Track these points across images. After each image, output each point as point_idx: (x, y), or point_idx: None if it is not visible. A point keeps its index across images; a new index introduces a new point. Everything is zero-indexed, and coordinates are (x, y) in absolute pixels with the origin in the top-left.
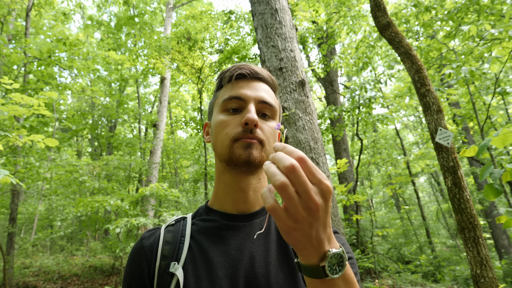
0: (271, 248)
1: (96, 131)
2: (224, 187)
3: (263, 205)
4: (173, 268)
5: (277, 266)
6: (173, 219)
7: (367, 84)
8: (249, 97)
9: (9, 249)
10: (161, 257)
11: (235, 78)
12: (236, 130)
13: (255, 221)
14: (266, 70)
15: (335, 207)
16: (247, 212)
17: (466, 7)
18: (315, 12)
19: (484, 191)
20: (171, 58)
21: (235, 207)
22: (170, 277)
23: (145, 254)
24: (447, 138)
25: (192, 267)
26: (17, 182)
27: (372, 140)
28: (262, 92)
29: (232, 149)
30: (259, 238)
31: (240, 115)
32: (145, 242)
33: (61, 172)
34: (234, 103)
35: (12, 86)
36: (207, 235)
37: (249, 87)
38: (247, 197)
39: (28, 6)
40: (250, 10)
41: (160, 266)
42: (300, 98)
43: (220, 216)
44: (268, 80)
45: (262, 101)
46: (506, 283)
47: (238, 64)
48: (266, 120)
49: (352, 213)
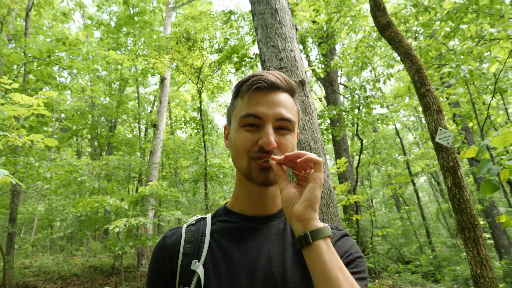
0: (287, 249)
1: (96, 131)
2: (244, 193)
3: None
4: (194, 266)
5: (293, 266)
6: (193, 219)
7: (366, 84)
8: (266, 116)
9: (9, 249)
10: (183, 255)
11: (252, 91)
12: (254, 149)
13: (272, 223)
14: (282, 75)
15: (335, 207)
16: (265, 214)
17: (465, 7)
18: (316, 12)
19: (481, 186)
20: (171, 58)
21: (254, 210)
22: (192, 274)
23: (167, 252)
24: (447, 138)
25: (212, 265)
26: (17, 182)
27: (372, 140)
28: (281, 107)
29: (250, 167)
30: (276, 239)
31: (258, 132)
32: (167, 241)
33: (61, 172)
34: (251, 120)
35: (11, 86)
36: (227, 235)
37: (266, 101)
38: (265, 203)
39: (28, 6)
40: (250, 10)
41: (182, 264)
42: (300, 98)
43: (239, 217)
44: (286, 88)
45: (281, 118)
46: (506, 283)
47: (255, 75)
48: (284, 134)
49: (352, 213)
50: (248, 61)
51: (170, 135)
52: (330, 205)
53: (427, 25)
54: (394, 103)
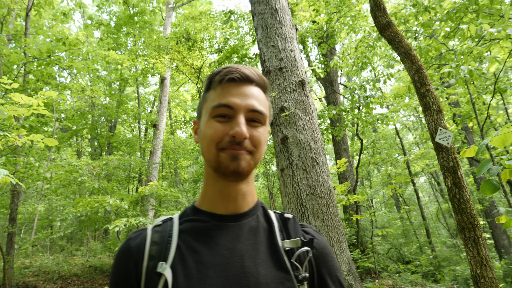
0: (260, 248)
1: (96, 131)
2: (213, 190)
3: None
4: (161, 268)
5: (265, 266)
6: (160, 219)
7: (366, 84)
8: (238, 106)
9: (9, 249)
10: (148, 257)
11: (225, 82)
12: (224, 140)
13: (243, 221)
14: (255, 70)
15: (335, 207)
16: (236, 212)
17: (465, 7)
18: (316, 12)
19: (481, 187)
20: (171, 58)
21: (224, 208)
22: (158, 277)
23: (131, 255)
24: (447, 138)
25: (181, 267)
26: (17, 182)
27: (372, 140)
28: (253, 99)
29: (219, 158)
30: (248, 238)
31: (229, 123)
32: (131, 243)
33: (61, 172)
34: (223, 110)
35: (11, 86)
36: (196, 235)
37: (239, 93)
38: (236, 200)
39: (28, 6)
40: (250, 10)
41: (148, 267)
42: (300, 98)
43: (209, 216)
44: (259, 82)
45: (253, 110)
46: (506, 283)
47: (228, 67)
48: (256, 127)
49: (352, 213)
50: (248, 61)
51: (170, 135)
52: (330, 205)
53: (427, 25)
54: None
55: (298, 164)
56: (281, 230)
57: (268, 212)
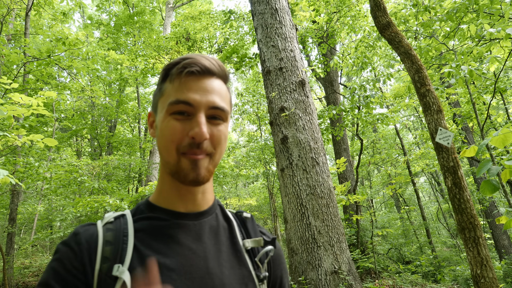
0: (222, 248)
1: (96, 131)
2: (170, 187)
3: (211, 202)
4: (118, 271)
5: (228, 267)
6: (111, 215)
7: (366, 84)
8: (199, 103)
9: (9, 249)
10: (102, 258)
11: (183, 75)
12: (183, 143)
13: (204, 220)
14: (216, 60)
15: (335, 207)
16: (195, 211)
17: (465, 7)
18: (316, 12)
19: (481, 187)
20: (170, 58)
21: (184, 206)
22: (114, 281)
23: (80, 253)
24: (447, 138)
25: (140, 270)
26: (17, 182)
27: (372, 140)
28: (214, 94)
29: (179, 163)
30: (210, 238)
31: (188, 122)
32: (81, 240)
33: (61, 172)
34: (181, 107)
35: (11, 86)
36: (155, 234)
37: (199, 88)
38: (195, 199)
39: (28, 6)
40: (250, 10)
41: (101, 269)
42: (300, 98)
43: (167, 214)
44: (220, 74)
45: (214, 107)
46: (506, 283)
47: (187, 57)
48: (217, 125)
49: (352, 213)
50: (248, 61)
51: None
52: (330, 205)
53: (427, 25)
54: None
55: (298, 164)
56: (240, 230)
57: (226, 211)
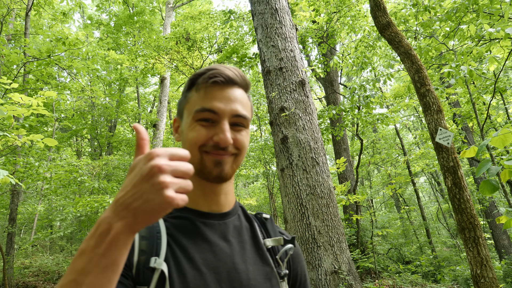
0: (245, 247)
1: (96, 131)
2: (195, 188)
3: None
4: (155, 263)
5: (252, 263)
6: None
7: (366, 84)
8: (223, 111)
9: (9, 249)
10: (139, 251)
11: (208, 85)
12: (208, 144)
13: (228, 220)
14: (238, 70)
15: (335, 207)
16: (220, 211)
17: (465, 7)
18: (315, 12)
19: (480, 187)
20: (170, 58)
21: (208, 206)
22: (151, 272)
23: None
24: (447, 138)
25: (174, 263)
26: (17, 182)
27: (372, 140)
28: (237, 103)
29: (202, 161)
30: (234, 237)
31: (213, 128)
32: None
33: (61, 172)
34: (207, 115)
35: (11, 86)
36: (184, 232)
37: (223, 97)
38: (219, 200)
39: (28, 6)
40: (250, 10)
41: (139, 261)
42: (300, 98)
43: (194, 213)
44: (241, 83)
45: (237, 115)
46: (506, 283)
47: (212, 68)
48: (239, 131)
49: (352, 213)
50: (248, 61)
51: (170, 135)
52: (330, 205)
53: (427, 25)
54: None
55: (298, 164)
56: (261, 230)
57: (247, 212)
